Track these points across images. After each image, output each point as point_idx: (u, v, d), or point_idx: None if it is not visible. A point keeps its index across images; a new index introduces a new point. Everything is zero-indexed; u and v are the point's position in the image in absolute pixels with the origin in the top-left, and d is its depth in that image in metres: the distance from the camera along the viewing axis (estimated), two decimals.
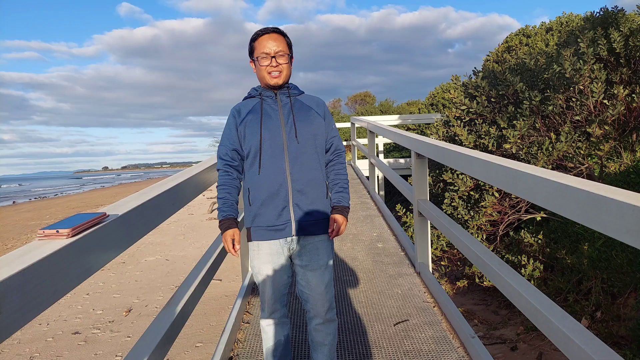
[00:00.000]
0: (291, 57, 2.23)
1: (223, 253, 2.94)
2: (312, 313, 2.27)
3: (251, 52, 2.22)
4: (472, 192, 5.82)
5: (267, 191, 2.14)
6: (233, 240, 2.14)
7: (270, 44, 2.14)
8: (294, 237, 2.18)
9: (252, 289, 3.90)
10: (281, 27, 2.24)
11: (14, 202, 34.92)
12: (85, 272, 1.33)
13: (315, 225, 2.20)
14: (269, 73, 2.16)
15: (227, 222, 2.16)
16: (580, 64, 4.95)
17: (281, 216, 2.15)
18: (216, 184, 2.36)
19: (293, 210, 2.15)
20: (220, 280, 7.22)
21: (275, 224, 2.15)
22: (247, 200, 2.21)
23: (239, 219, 2.30)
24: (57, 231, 1.29)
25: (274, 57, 2.14)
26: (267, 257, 2.20)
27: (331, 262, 2.29)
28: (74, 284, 1.27)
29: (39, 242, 1.26)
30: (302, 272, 2.23)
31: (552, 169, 5.07)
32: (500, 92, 6.02)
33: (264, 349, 2.37)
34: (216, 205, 13.58)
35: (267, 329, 2.32)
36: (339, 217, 2.23)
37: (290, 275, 2.29)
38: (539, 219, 5.45)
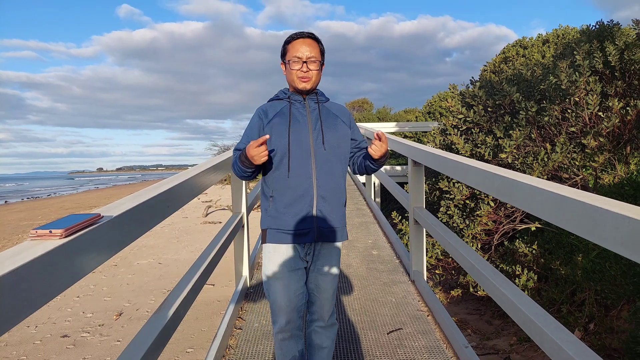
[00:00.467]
0: (322, 64, 2.22)
1: (217, 257, 2.92)
2: (315, 315, 2.27)
3: (283, 54, 2.20)
4: (467, 201, 5.82)
5: (293, 195, 2.11)
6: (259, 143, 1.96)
7: (303, 49, 2.13)
8: (313, 243, 2.17)
9: (245, 295, 3.88)
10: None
11: (6, 201, 34.69)
12: (78, 274, 1.32)
13: (334, 232, 2.20)
14: (299, 77, 2.14)
15: (242, 152, 2.07)
16: (576, 76, 4.98)
17: (305, 221, 2.12)
18: (212, 186, 2.33)
19: (316, 216, 2.14)
20: (214, 285, 7.18)
21: (298, 229, 2.13)
22: (267, 202, 2.18)
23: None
24: (50, 231, 1.28)
25: (305, 62, 2.13)
26: (284, 260, 2.16)
27: (339, 268, 2.31)
28: (66, 285, 1.25)
29: (32, 242, 1.24)
30: (314, 276, 2.23)
31: (547, 179, 5.08)
32: (497, 102, 6.05)
33: None
34: (211, 209, 13.45)
35: (282, 344, 2.21)
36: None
37: (305, 283, 2.24)
38: (533, 229, 5.46)
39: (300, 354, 2.25)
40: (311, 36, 2.17)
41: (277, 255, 2.16)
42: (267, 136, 1.96)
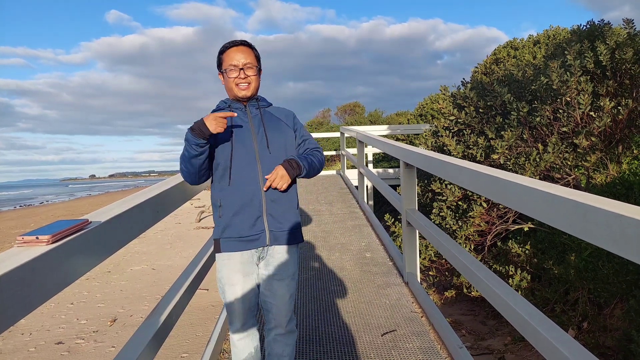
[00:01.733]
0: (260, 70, 2.24)
1: (209, 262, 2.90)
2: (273, 323, 2.23)
3: (219, 64, 2.23)
4: (460, 202, 5.83)
5: (240, 201, 2.11)
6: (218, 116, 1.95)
7: (238, 56, 2.15)
8: (266, 246, 2.17)
9: None
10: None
11: None
12: (66, 280, 1.30)
13: (287, 234, 2.19)
14: (237, 85, 2.16)
15: (194, 124, 1.99)
16: (568, 76, 5.01)
17: (255, 226, 2.13)
18: (203, 191, 2.32)
19: (267, 220, 2.14)
20: (207, 290, 7.15)
21: (249, 234, 2.13)
22: (217, 212, 2.17)
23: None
24: (37, 237, 1.26)
25: (242, 69, 2.15)
26: (238, 267, 2.15)
27: (297, 272, 2.28)
28: (53, 292, 1.23)
29: (18, 249, 1.22)
30: (268, 281, 2.20)
31: (540, 179, 5.10)
32: (488, 103, 6.07)
33: None
34: (204, 214, 13.39)
35: (238, 343, 2.25)
36: (278, 166, 2.11)
37: (259, 284, 2.24)
38: (526, 229, 5.48)
39: (255, 349, 2.29)
40: (244, 43, 2.21)
41: (230, 263, 2.16)
42: (234, 114, 2.00)
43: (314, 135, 14.37)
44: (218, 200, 2.16)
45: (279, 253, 2.20)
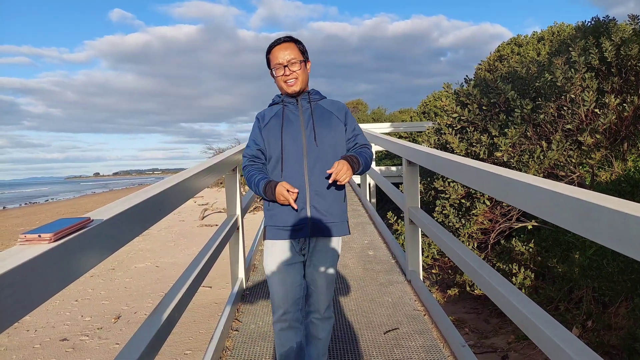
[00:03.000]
0: (306, 61, 2.30)
1: (212, 259, 2.91)
2: (312, 307, 2.35)
3: (268, 64, 2.31)
4: (463, 200, 5.81)
5: None
6: (288, 190, 2.13)
7: (281, 54, 2.23)
8: (309, 237, 2.25)
9: (242, 297, 3.86)
10: (290, 34, 2.32)
11: (4, 207, 34.58)
12: (68, 278, 1.30)
13: (330, 227, 2.26)
14: (285, 82, 2.25)
15: (270, 183, 2.19)
16: (572, 73, 4.97)
17: (298, 217, 2.22)
18: (206, 189, 2.34)
19: (310, 212, 2.22)
20: (210, 287, 7.16)
21: (292, 225, 2.22)
22: (267, 201, 2.28)
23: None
24: (39, 236, 1.26)
25: (286, 66, 2.22)
26: (280, 255, 2.26)
27: (337, 263, 2.37)
28: (55, 290, 1.23)
29: (20, 247, 1.22)
30: (310, 271, 2.31)
31: (543, 177, 5.08)
32: (491, 100, 6.04)
33: (277, 356, 2.36)
34: (207, 212, 13.42)
35: (280, 334, 2.30)
36: (342, 160, 2.17)
37: (303, 276, 2.33)
38: (530, 227, 5.46)
39: (297, 345, 2.31)
40: (287, 39, 2.28)
41: (274, 251, 2.27)
42: (296, 194, 2.15)
43: None
44: None
45: (321, 244, 2.29)
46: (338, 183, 2.16)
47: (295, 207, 2.15)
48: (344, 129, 2.33)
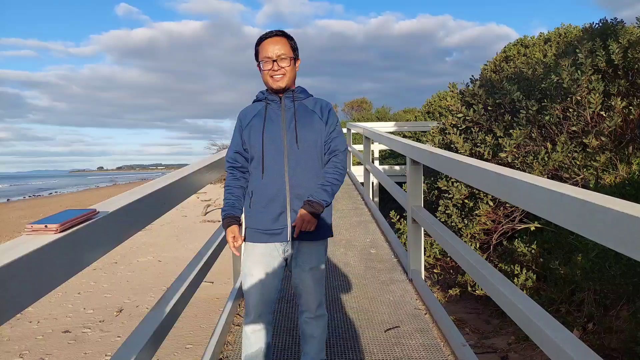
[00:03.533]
0: (296, 59, 2.23)
1: (215, 255, 2.92)
2: (304, 307, 2.32)
3: (256, 55, 2.24)
4: (466, 200, 5.81)
5: (268, 195, 2.16)
6: (234, 237, 2.16)
7: (271, 48, 2.15)
8: (289, 241, 2.19)
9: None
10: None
11: (8, 199, 34.71)
12: (73, 269, 1.31)
13: (311, 231, 2.18)
14: (272, 77, 2.17)
15: (227, 220, 2.18)
16: (578, 75, 4.96)
17: (278, 221, 2.16)
18: (209, 185, 2.35)
19: (290, 216, 2.16)
20: (212, 282, 7.18)
21: (272, 228, 2.17)
22: (248, 201, 2.24)
23: (242, 217, 2.29)
24: (46, 226, 1.27)
25: (275, 60, 2.15)
26: (260, 258, 2.20)
27: (323, 264, 2.32)
28: (60, 280, 1.24)
29: (27, 237, 1.23)
30: (297, 272, 2.26)
31: (548, 179, 5.07)
32: (497, 101, 6.03)
33: (242, 355, 2.32)
34: (210, 208, 13.47)
35: (251, 335, 2.27)
36: (302, 211, 2.12)
37: (281, 280, 2.29)
38: (532, 228, 5.45)
39: (266, 345, 2.30)
40: (279, 34, 2.20)
41: (254, 253, 2.22)
42: (238, 252, 2.20)
43: None
44: (250, 190, 2.23)
45: (306, 247, 2.23)
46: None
47: (235, 251, 2.19)
48: (324, 129, 2.24)
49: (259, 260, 2.20)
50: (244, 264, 2.27)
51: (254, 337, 2.27)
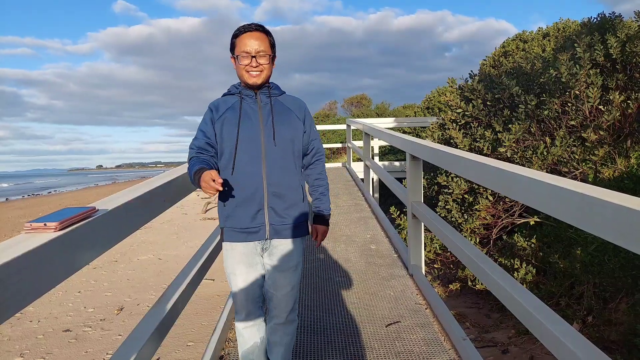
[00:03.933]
0: (273, 57, 2.17)
1: (215, 252, 2.92)
2: (273, 313, 2.25)
3: (232, 48, 2.15)
4: (466, 195, 5.81)
5: (242, 193, 2.09)
6: (214, 180, 1.84)
7: (251, 43, 2.08)
8: (267, 239, 2.17)
9: None
10: (268, 27, 2.16)
11: (7, 199, 34.69)
12: (72, 267, 1.31)
13: (289, 229, 2.18)
14: (248, 72, 2.10)
15: (201, 169, 1.95)
16: (577, 69, 4.96)
17: (255, 219, 2.12)
18: None
19: (268, 214, 2.13)
20: (213, 280, 7.18)
21: (249, 227, 2.13)
22: (221, 201, 2.17)
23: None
24: (45, 224, 1.27)
25: (254, 56, 2.08)
26: (240, 257, 2.16)
27: (301, 264, 2.27)
28: (60, 278, 1.25)
29: (26, 235, 1.23)
30: (271, 272, 2.20)
31: (547, 173, 5.07)
32: (496, 96, 6.03)
33: (239, 352, 2.32)
34: (210, 206, 13.44)
35: (244, 332, 2.27)
36: (320, 228, 2.34)
37: (264, 275, 2.25)
38: (532, 223, 5.45)
39: (261, 340, 2.29)
40: (260, 29, 2.12)
41: (234, 254, 2.17)
42: (221, 184, 1.84)
43: (320, 127, 14.35)
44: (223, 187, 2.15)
45: (281, 245, 2.18)
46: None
47: (219, 186, 1.84)
48: (302, 127, 2.21)
49: (240, 260, 2.16)
50: (225, 264, 2.21)
51: (247, 333, 2.27)
